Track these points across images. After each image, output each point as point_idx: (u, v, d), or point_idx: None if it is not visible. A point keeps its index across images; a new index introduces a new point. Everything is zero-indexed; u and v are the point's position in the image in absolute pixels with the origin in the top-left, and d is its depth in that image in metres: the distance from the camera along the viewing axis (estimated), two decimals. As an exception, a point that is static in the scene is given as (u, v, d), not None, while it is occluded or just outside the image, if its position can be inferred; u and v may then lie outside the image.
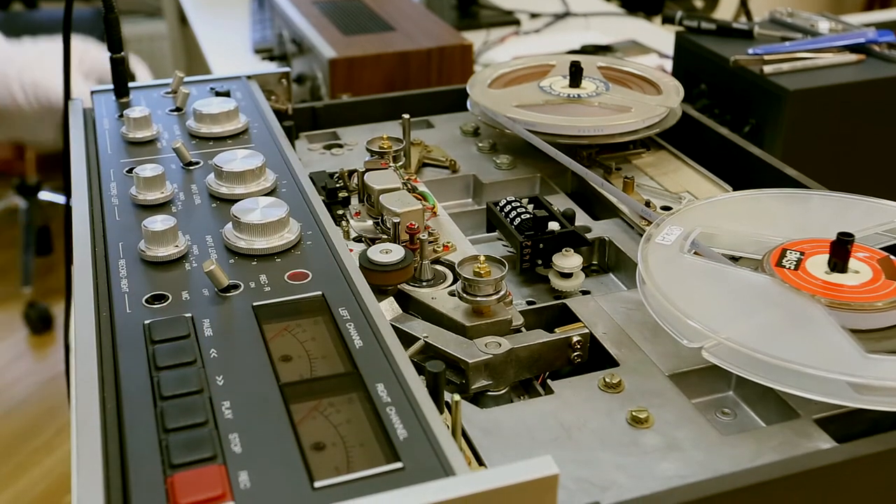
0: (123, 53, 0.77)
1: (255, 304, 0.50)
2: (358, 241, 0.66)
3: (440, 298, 0.59)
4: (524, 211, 0.68)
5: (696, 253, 0.60)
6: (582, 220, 0.73)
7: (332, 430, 0.41)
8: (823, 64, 0.95)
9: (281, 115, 0.80)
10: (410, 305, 0.59)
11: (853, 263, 0.57)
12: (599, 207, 0.76)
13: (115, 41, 0.77)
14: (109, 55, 0.77)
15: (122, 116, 0.72)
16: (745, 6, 1.55)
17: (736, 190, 0.74)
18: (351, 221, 0.67)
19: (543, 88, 0.85)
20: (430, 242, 0.63)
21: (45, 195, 2.56)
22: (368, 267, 0.56)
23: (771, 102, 0.91)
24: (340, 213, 0.69)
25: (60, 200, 2.54)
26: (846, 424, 0.51)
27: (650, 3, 1.88)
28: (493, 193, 0.79)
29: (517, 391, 0.57)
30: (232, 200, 0.59)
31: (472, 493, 0.35)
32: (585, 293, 0.67)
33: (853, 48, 0.97)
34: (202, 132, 0.70)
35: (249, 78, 0.81)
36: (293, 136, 0.84)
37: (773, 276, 0.56)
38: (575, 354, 0.57)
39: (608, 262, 0.71)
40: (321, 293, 0.51)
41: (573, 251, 0.66)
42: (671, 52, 1.10)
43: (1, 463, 1.90)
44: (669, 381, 0.54)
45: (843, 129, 0.93)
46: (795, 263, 0.57)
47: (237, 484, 0.37)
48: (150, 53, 2.60)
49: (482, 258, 0.58)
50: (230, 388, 0.43)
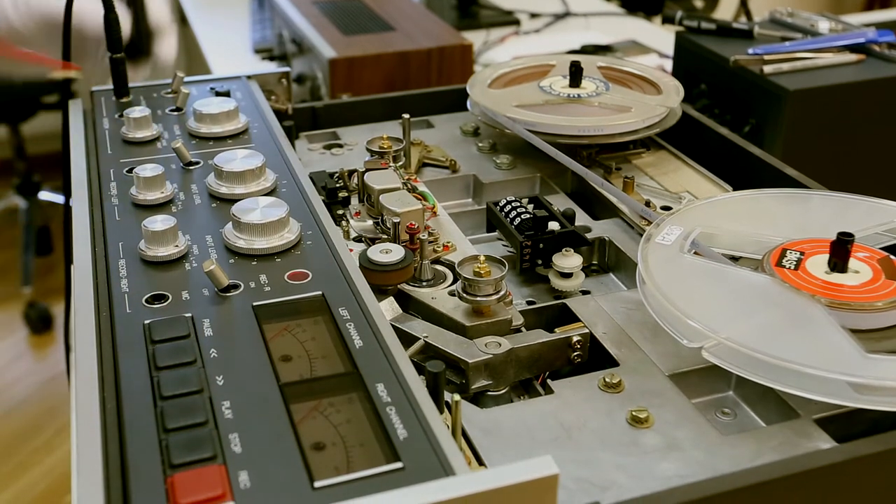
0: (123, 53, 0.77)
1: (255, 303, 0.50)
2: (358, 241, 0.66)
3: (440, 298, 0.59)
4: (524, 211, 0.68)
5: (696, 253, 0.60)
6: (582, 220, 0.73)
7: (332, 429, 0.41)
8: (823, 64, 0.95)
9: (281, 115, 0.80)
10: (410, 305, 0.59)
11: (853, 263, 0.57)
12: (599, 207, 0.76)
13: (115, 41, 0.77)
14: (109, 55, 0.77)
15: (122, 116, 0.72)
16: (745, 6, 1.55)
17: (736, 190, 0.74)
18: (351, 221, 0.67)
19: (543, 88, 0.85)
20: (430, 242, 0.63)
21: (45, 195, 2.56)
22: (368, 267, 0.56)
23: (771, 102, 0.91)
24: (340, 213, 0.69)
25: (60, 200, 2.54)
26: (846, 424, 0.51)
27: (650, 3, 1.88)
28: (493, 193, 0.79)
29: (517, 391, 0.57)
30: (232, 200, 0.59)
31: (472, 493, 0.35)
32: (585, 293, 0.67)
33: (853, 48, 0.97)
34: (202, 132, 0.70)
35: (249, 78, 0.81)
36: (293, 136, 0.84)
37: (773, 276, 0.56)
38: (575, 354, 0.57)
39: (608, 262, 0.71)
40: (321, 293, 0.51)
41: (573, 251, 0.66)
42: (671, 52, 1.10)
43: (1, 463, 1.90)
44: (669, 381, 0.54)
45: (843, 129, 0.93)
46: (795, 263, 0.57)
47: (237, 484, 0.37)
48: (150, 53, 2.59)
49: (482, 258, 0.58)
50: (230, 387, 0.43)
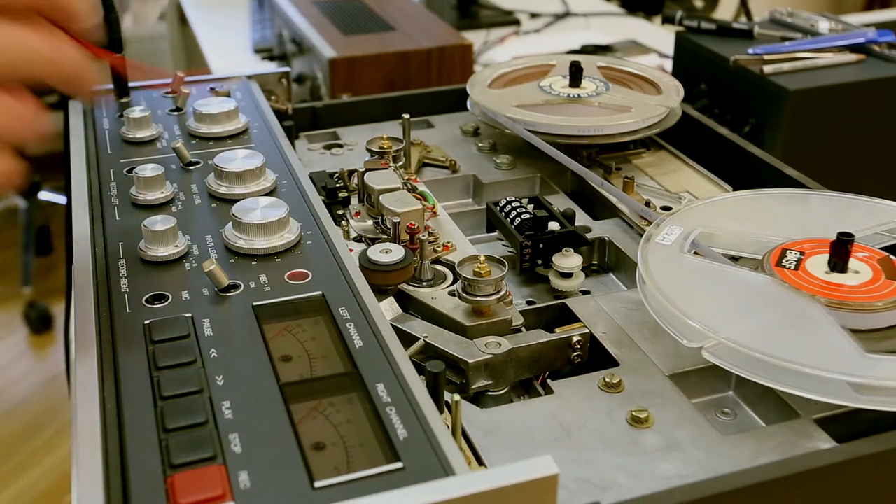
0: (123, 53, 0.77)
1: (255, 303, 0.50)
2: (358, 240, 0.65)
3: (440, 298, 0.59)
4: (524, 211, 0.68)
5: (696, 253, 0.60)
6: (582, 220, 0.73)
7: (332, 429, 0.41)
8: (823, 64, 0.95)
9: (281, 114, 0.80)
10: (410, 305, 0.59)
11: (853, 263, 0.57)
12: (599, 207, 0.76)
13: (115, 41, 0.77)
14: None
15: (122, 116, 0.72)
16: (745, 6, 1.55)
17: (736, 190, 0.74)
18: (351, 221, 0.67)
19: (543, 88, 0.85)
20: (430, 242, 0.63)
21: (45, 195, 2.56)
22: (368, 267, 0.56)
23: (771, 102, 0.91)
24: (340, 212, 0.69)
25: (60, 200, 2.54)
26: (846, 424, 0.51)
27: (650, 3, 1.88)
28: (493, 193, 0.79)
29: (517, 391, 0.57)
30: (232, 200, 0.59)
31: (472, 493, 0.35)
32: (585, 293, 0.67)
33: (853, 48, 0.97)
34: (202, 132, 0.70)
35: (249, 78, 0.81)
36: (293, 136, 0.84)
37: (773, 275, 0.56)
38: (575, 354, 0.57)
39: (608, 262, 0.71)
40: (321, 293, 0.51)
41: (573, 251, 0.66)
42: (671, 52, 1.10)
43: (1, 463, 1.90)
44: (669, 380, 0.54)
45: (843, 129, 0.93)
46: (795, 263, 0.57)
47: (237, 484, 0.37)
48: (150, 53, 2.60)
49: (482, 258, 0.58)
50: (230, 388, 0.43)
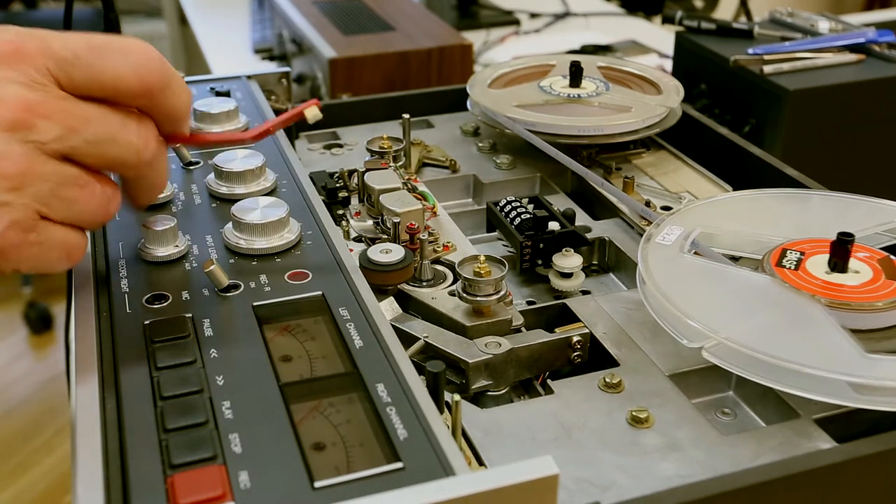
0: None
1: (255, 304, 0.50)
2: (358, 240, 0.65)
3: (440, 298, 0.59)
4: (524, 211, 0.68)
5: (696, 253, 0.60)
6: (582, 220, 0.73)
7: (332, 430, 0.41)
8: (823, 64, 0.95)
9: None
10: (410, 305, 0.59)
11: (853, 263, 0.56)
12: (599, 207, 0.76)
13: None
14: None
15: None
16: (745, 6, 1.55)
17: (736, 190, 0.74)
18: (351, 221, 0.67)
19: (543, 88, 0.85)
20: (430, 242, 0.63)
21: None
22: (368, 267, 0.56)
23: (771, 102, 0.91)
24: (340, 212, 0.69)
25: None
26: (846, 424, 0.51)
27: (650, 3, 1.88)
28: (493, 193, 0.79)
29: (517, 391, 0.57)
30: (232, 200, 0.59)
31: (472, 493, 0.35)
32: (585, 293, 0.67)
33: (853, 48, 0.97)
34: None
35: (249, 78, 0.81)
36: (293, 135, 0.84)
37: (773, 276, 0.56)
38: (575, 354, 0.57)
39: (608, 262, 0.71)
40: (321, 293, 0.51)
41: (573, 251, 0.66)
42: (671, 52, 1.10)
43: (1, 463, 1.90)
44: (669, 381, 0.54)
45: (843, 129, 0.93)
46: (795, 263, 0.57)
47: (237, 484, 0.37)
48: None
49: (482, 258, 0.58)
50: (230, 388, 0.43)
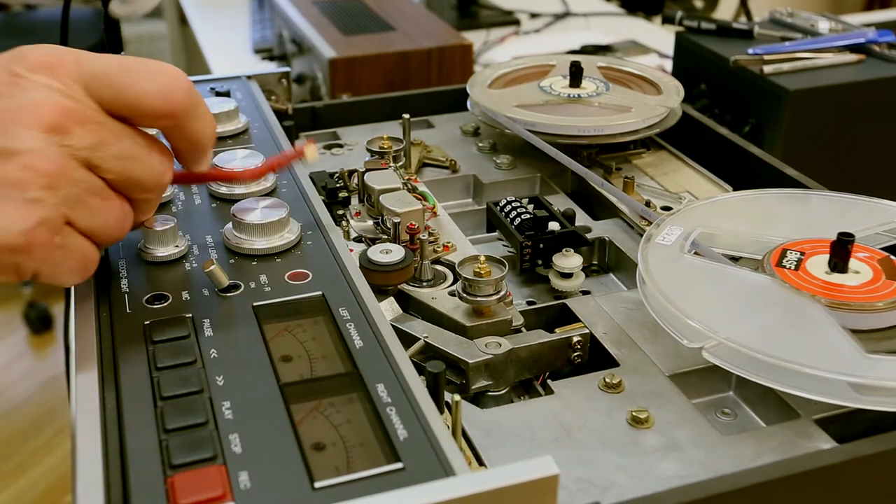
0: (123, 53, 0.77)
1: (255, 304, 0.50)
2: (358, 241, 0.65)
3: (440, 298, 0.59)
4: (524, 211, 0.68)
5: (696, 253, 0.60)
6: (582, 220, 0.73)
7: (332, 430, 0.41)
8: (823, 64, 0.95)
9: (281, 115, 0.79)
10: (410, 305, 0.59)
11: (853, 263, 0.56)
12: (599, 207, 0.76)
13: (115, 41, 0.77)
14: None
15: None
16: (745, 6, 1.55)
17: (736, 190, 0.74)
18: (351, 221, 0.67)
19: (543, 88, 0.85)
20: (430, 242, 0.63)
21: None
22: (368, 267, 0.56)
23: (771, 102, 0.91)
24: (340, 213, 0.69)
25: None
26: (846, 425, 0.51)
27: (650, 3, 1.88)
28: (493, 193, 0.79)
29: (517, 391, 0.57)
30: (232, 200, 0.59)
31: (472, 493, 0.35)
32: (585, 293, 0.67)
33: (853, 48, 0.97)
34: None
35: (249, 78, 0.81)
36: (293, 136, 0.84)
37: (773, 276, 0.56)
38: (575, 354, 0.57)
39: (608, 262, 0.71)
40: (321, 293, 0.50)
41: (573, 251, 0.66)
42: (671, 52, 1.10)
43: (1, 463, 1.90)
44: (669, 381, 0.54)
45: (843, 129, 0.93)
46: (796, 263, 0.57)
47: (237, 484, 0.37)
48: (150, 53, 2.60)
49: (482, 258, 0.58)
50: (230, 388, 0.43)
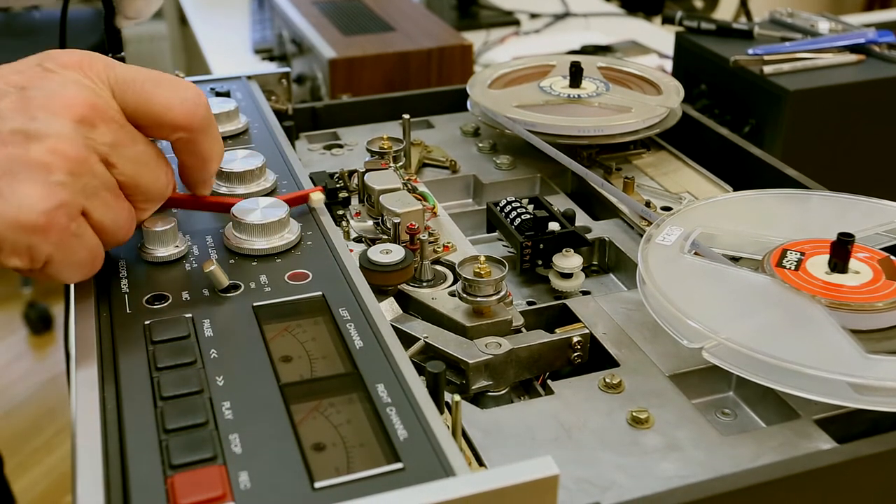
0: (123, 53, 0.77)
1: (255, 304, 0.50)
2: (358, 241, 0.65)
3: (440, 299, 0.59)
4: (524, 211, 0.68)
5: (696, 253, 0.60)
6: (582, 220, 0.73)
7: (332, 430, 0.41)
8: (823, 64, 0.95)
9: (281, 115, 0.79)
10: (410, 306, 0.59)
11: (853, 264, 0.56)
12: (599, 208, 0.76)
13: (115, 41, 0.77)
14: (109, 55, 0.77)
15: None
16: (745, 6, 1.55)
17: (736, 190, 0.74)
18: (351, 222, 0.67)
19: (543, 89, 0.85)
20: (430, 243, 0.63)
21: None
22: (369, 267, 0.56)
23: (771, 102, 0.91)
24: (340, 213, 0.69)
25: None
26: (846, 425, 0.51)
27: (650, 3, 1.88)
28: (493, 194, 0.79)
29: (517, 391, 0.57)
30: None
31: (472, 493, 0.35)
32: (586, 293, 0.67)
33: (853, 48, 0.97)
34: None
35: (249, 78, 0.81)
36: (293, 136, 0.84)
37: (773, 276, 0.56)
38: (575, 355, 0.57)
39: (608, 262, 0.71)
40: (321, 293, 0.50)
41: (573, 251, 0.66)
42: (671, 52, 1.10)
43: (1, 463, 1.89)
44: (669, 381, 0.54)
45: (843, 129, 0.93)
46: (796, 264, 0.57)
47: (237, 484, 0.37)
48: (150, 53, 2.60)
49: (482, 258, 0.58)
50: (230, 388, 0.43)
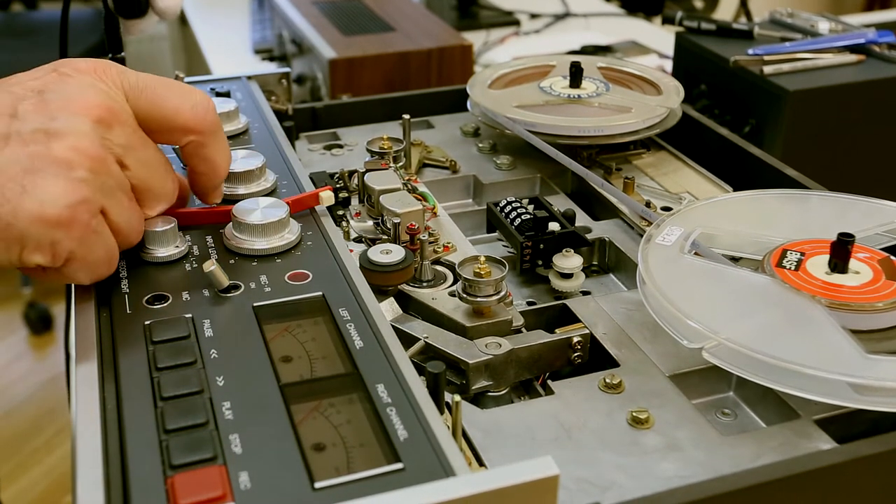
0: (123, 54, 0.77)
1: (255, 304, 0.50)
2: (358, 241, 0.66)
3: (440, 299, 0.59)
4: (524, 211, 0.68)
5: (696, 253, 0.60)
6: (582, 220, 0.73)
7: (332, 430, 0.41)
8: (823, 64, 0.95)
9: (281, 115, 0.79)
10: (411, 306, 0.59)
11: (853, 264, 0.57)
12: (599, 208, 0.76)
13: (115, 41, 0.77)
14: (109, 55, 0.77)
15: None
16: (745, 6, 1.55)
17: (736, 190, 0.74)
18: (351, 222, 0.67)
19: (543, 89, 0.85)
20: (430, 243, 0.63)
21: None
22: (369, 267, 0.56)
23: (771, 102, 0.91)
24: (341, 213, 0.69)
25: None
26: (846, 425, 0.51)
27: (650, 3, 1.88)
28: (493, 194, 0.79)
29: (517, 392, 0.57)
30: (232, 201, 0.59)
31: (472, 493, 0.35)
32: (586, 293, 0.67)
33: (853, 49, 0.97)
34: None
35: (249, 78, 0.81)
36: (293, 136, 0.84)
37: (773, 276, 0.56)
38: (575, 355, 0.57)
39: (608, 262, 0.71)
40: (321, 293, 0.51)
41: (573, 252, 0.66)
42: (671, 52, 1.10)
43: (1, 463, 1.89)
44: (670, 381, 0.54)
45: (843, 129, 0.93)
46: (796, 264, 0.57)
47: (237, 484, 0.37)
48: (150, 53, 2.60)
49: (482, 259, 0.58)
50: (230, 388, 0.43)
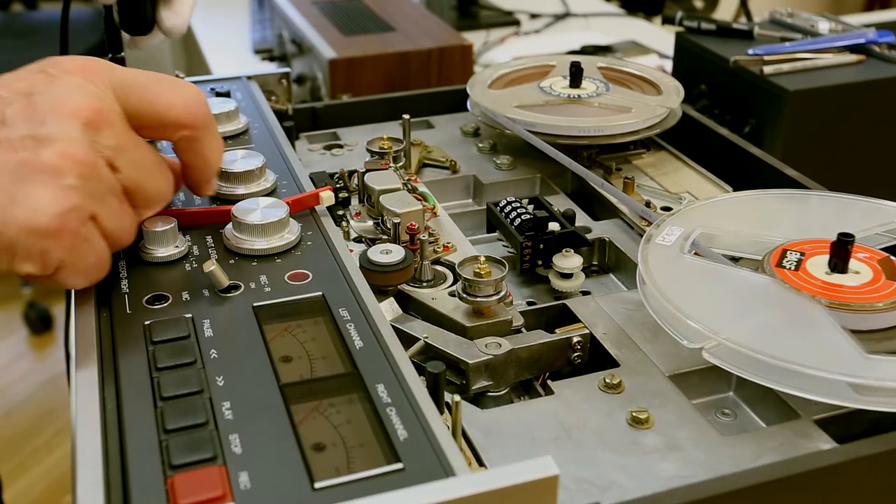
0: (123, 54, 0.77)
1: (255, 304, 0.50)
2: (358, 241, 0.66)
3: (440, 299, 0.59)
4: (524, 211, 0.68)
5: (696, 253, 0.60)
6: (582, 220, 0.73)
7: (332, 430, 0.41)
8: (823, 64, 0.95)
9: (281, 115, 0.79)
10: (411, 306, 0.59)
11: (853, 264, 0.57)
12: (599, 208, 0.76)
13: (115, 41, 0.77)
14: (109, 55, 0.77)
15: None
16: (745, 6, 1.55)
17: (736, 190, 0.74)
18: (351, 222, 0.67)
19: (543, 89, 0.85)
20: (430, 243, 0.63)
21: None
22: (369, 267, 0.56)
23: (771, 103, 0.91)
24: (341, 213, 0.69)
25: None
26: (846, 425, 0.51)
27: (650, 3, 1.88)
28: (493, 194, 0.79)
29: (517, 392, 0.57)
30: (232, 201, 0.59)
31: (472, 493, 0.35)
32: (586, 294, 0.67)
33: (853, 49, 0.97)
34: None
35: (249, 78, 0.81)
36: (293, 136, 0.84)
37: (773, 276, 0.56)
38: (575, 355, 0.57)
39: (608, 262, 0.71)
40: (321, 293, 0.51)
41: (573, 252, 0.66)
42: (671, 52, 1.10)
43: (1, 463, 1.89)
44: (670, 381, 0.54)
45: (843, 129, 0.93)
46: (796, 264, 0.57)
47: (237, 484, 0.37)
48: (149, 53, 2.60)
49: (482, 259, 0.58)
50: (230, 388, 0.43)
